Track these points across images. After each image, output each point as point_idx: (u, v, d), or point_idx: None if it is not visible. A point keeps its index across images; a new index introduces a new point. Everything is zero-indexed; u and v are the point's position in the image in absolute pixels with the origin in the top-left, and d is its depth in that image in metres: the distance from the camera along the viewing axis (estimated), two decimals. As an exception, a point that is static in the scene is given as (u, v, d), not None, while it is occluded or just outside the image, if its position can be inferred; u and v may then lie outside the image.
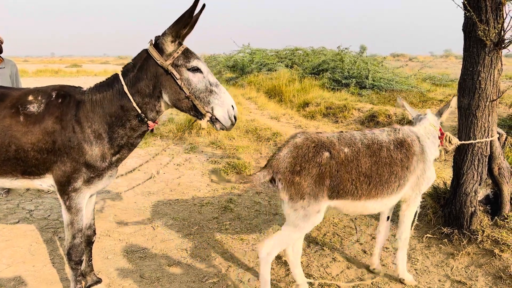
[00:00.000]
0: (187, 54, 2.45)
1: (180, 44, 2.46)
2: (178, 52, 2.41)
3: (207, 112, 2.45)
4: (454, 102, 3.33)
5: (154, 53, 2.43)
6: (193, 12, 2.36)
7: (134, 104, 2.47)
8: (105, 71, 29.90)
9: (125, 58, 68.75)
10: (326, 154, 2.65)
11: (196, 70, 2.44)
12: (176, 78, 2.41)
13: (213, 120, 2.48)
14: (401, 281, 3.21)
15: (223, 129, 2.52)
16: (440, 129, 3.24)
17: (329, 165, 2.64)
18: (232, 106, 2.47)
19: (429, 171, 3.05)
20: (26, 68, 30.27)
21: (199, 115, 2.48)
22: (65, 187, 2.50)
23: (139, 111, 2.48)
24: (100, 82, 2.64)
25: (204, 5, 2.48)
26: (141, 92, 2.48)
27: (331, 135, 2.80)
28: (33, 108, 2.47)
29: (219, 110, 2.44)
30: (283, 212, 2.75)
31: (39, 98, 2.52)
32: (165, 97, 2.49)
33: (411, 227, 3.20)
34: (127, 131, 2.54)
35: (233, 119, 2.49)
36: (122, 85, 2.48)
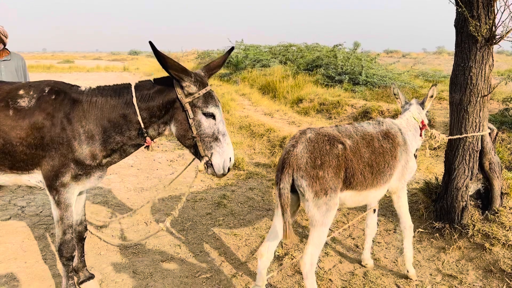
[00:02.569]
0: (208, 98, 2.49)
1: (204, 85, 2.50)
2: (199, 94, 2.46)
3: (205, 155, 2.51)
4: (432, 91, 3.38)
5: (178, 88, 2.46)
6: (221, 64, 2.69)
7: (139, 118, 2.49)
8: (98, 67, 29.71)
9: (117, 54, 68.28)
10: (340, 145, 2.66)
11: (210, 115, 2.49)
12: (189, 117, 2.46)
13: (208, 165, 2.53)
14: (405, 273, 3.25)
15: (213, 175, 2.58)
16: (422, 121, 3.32)
17: (344, 156, 2.66)
18: (230, 158, 2.52)
19: (412, 161, 3.15)
20: (17, 64, 29.89)
21: (197, 155, 2.55)
22: (53, 182, 2.48)
23: (142, 126, 2.51)
24: (104, 86, 2.63)
25: (232, 48, 2.85)
26: (151, 112, 2.50)
27: (331, 128, 2.83)
28: (23, 102, 2.45)
29: (217, 158, 2.50)
30: (307, 214, 2.62)
31: (31, 93, 2.49)
32: (173, 128, 2.54)
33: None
34: (125, 139, 2.55)
35: (226, 170, 2.54)
36: (132, 96, 2.49)
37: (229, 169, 2.56)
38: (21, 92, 2.49)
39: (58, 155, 2.44)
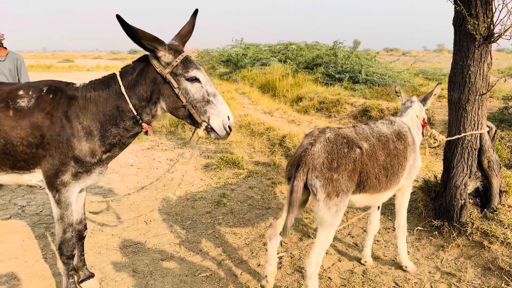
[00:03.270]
0: (186, 63, 2.46)
1: (179, 52, 2.48)
2: (177, 61, 2.43)
3: (203, 121, 2.48)
4: (437, 89, 3.39)
5: (154, 61, 2.45)
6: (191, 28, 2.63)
7: (131, 106, 2.49)
8: (98, 66, 29.72)
9: (117, 53, 68.27)
10: (358, 150, 2.64)
11: (194, 80, 2.46)
12: (174, 87, 2.44)
13: (209, 130, 2.50)
14: (403, 269, 3.30)
15: (218, 139, 2.54)
16: (424, 119, 3.33)
17: (361, 161, 2.64)
18: (228, 116, 2.49)
19: (418, 160, 3.15)
20: (17, 63, 29.87)
21: (195, 123, 2.52)
22: (53, 181, 2.50)
23: (135, 113, 2.50)
24: (95, 80, 2.63)
25: (197, 10, 2.68)
26: (139, 96, 2.50)
27: (349, 130, 2.80)
28: (23, 103, 2.47)
29: (215, 119, 2.47)
30: (317, 214, 2.59)
31: (30, 93, 2.51)
32: (163, 104, 2.52)
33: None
34: (121, 130, 2.55)
35: (228, 129, 2.51)
36: (120, 86, 2.49)
37: (230, 128, 2.51)
38: (20, 92, 2.51)
39: (58, 154, 2.45)
